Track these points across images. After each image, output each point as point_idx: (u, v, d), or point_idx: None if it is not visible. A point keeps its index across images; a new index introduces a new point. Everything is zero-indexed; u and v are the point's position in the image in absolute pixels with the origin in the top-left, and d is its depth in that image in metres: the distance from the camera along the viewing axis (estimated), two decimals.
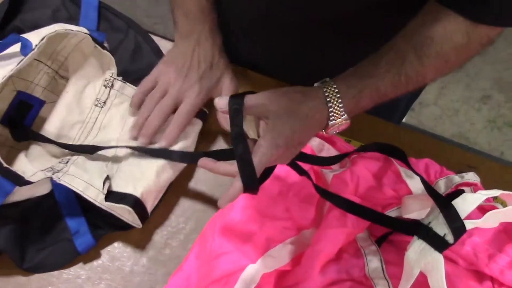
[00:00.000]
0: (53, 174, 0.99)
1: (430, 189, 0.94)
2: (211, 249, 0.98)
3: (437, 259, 0.85)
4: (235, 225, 1.00)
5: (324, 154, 1.05)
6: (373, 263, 0.99)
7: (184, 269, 1.01)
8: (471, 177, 1.00)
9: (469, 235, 0.96)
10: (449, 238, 0.86)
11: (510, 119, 2.65)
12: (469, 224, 0.87)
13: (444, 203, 0.89)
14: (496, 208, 0.97)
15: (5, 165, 0.94)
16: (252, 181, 0.85)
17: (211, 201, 1.12)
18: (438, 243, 0.86)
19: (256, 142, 0.87)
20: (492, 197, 0.94)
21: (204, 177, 1.14)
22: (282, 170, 1.02)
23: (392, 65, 0.89)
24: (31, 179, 0.97)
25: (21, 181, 0.96)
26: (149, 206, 1.04)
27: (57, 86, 1.16)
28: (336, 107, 0.88)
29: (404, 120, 2.56)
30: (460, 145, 1.52)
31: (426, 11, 0.90)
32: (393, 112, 1.36)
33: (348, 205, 0.97)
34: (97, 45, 1.09)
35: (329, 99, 0.88)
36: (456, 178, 1.00)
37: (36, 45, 1.01)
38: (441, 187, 0.99)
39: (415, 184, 0.99)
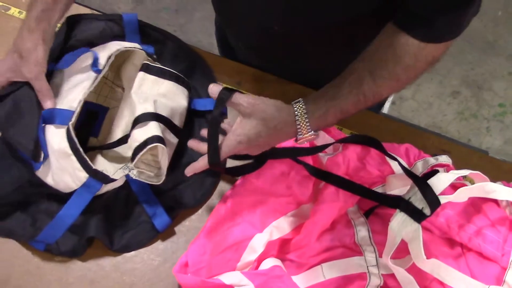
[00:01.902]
0: (129, 171, 1.00)
1: (408, 171, 0.94)
2: (224, 221, 0.98)
3: (416, 228, 0.86)
4: (243, 201, 1.01)
5: (320, 140, 1.05)
6: (362, 232, 0.99)
7: (201, 237, 1.01)
8: (444, 159, 1.01)
9: (443, 208, 0.97)
10: (426, 211, 0.86)
11: (476, 111, 2.65)
12: (443, 199, 0.87)
13: (421, 182, 0.90)
14: (466, 185, 0.98)
15: (94, 167, 0.95)
16: (214, 159, 0.93)
17: (225, 182, 1.12)
18: (417, 215, 0.87)
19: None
20: (462, 176, 0.94)
21: None
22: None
23: (353, 87, 0.90)
24: (114, 177, 0.98)
25: (107, 179, 0.97)
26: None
27: (115, 94, 1.17)
28: (303, 124, 0.90)
29: (387, 112, 2.59)
30: (435, 133, 1.53)
31: (383, 35, 0.91)
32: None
33: (340, 182, 0.98)
34: (149, 57, 1.09)
35: (297, 117, 0.90)
36: (432, 160, 1.00)
37: (106, 64, 1.02)
38: (419, 167, 1.00)
39: (397, 165, 0.99)
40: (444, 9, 0.83)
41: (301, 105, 0.90)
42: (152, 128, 0.98)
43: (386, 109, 2.60)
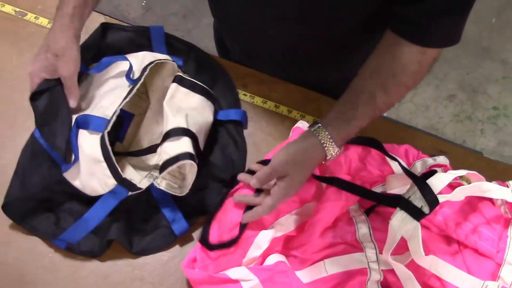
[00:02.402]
0: (153, 180, 1.01)
1: (407, 171, 0.94)
2: (231, 219, 0.98)
3: (415, 226, 0.86)
4: None
5: None
6: (363, 229, 0.99)
7: (211, 233, 1.01)
8: (442, 160, 1.01)
9: (441, 207, 0.97)
10: (425, 209, 0.86)
11: (470, 114, 2.65)
12: (441, 198, 0.87)
13: (421, 182, 0.89)
14: (462, 185, 0.98)
15: (123, 176, 0.95)
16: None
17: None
18: (417, 214, 0.86)
19: None
20: (459, 176, 0.94)
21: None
22: None
23: (367, 105, 0.93)
24: (140, 186, 0.98)
25: (134, 188, 0.98)
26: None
27: (140, 101, 1.17)
28: (331, 148, 0.93)
29: (386, 114, 2.58)
30: (432, 134, 1.52)
31: (384, 46, 0.92)
32: None
33: (342, 184, 0.97)
34: (179, 69, 1.09)
35: (324, 144, 0.93)
36: (430, 161, 1.00)
37: (141, 76, 1.03)
38: (418, 167, 1.00)
39: (397, 165, 0.99)
40: (441, 16, 0.84)
41: (323, 132, 0.93)
42: (185, 144, 0.98)
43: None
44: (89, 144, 0.96)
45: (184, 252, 1.04)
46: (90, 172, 0.96)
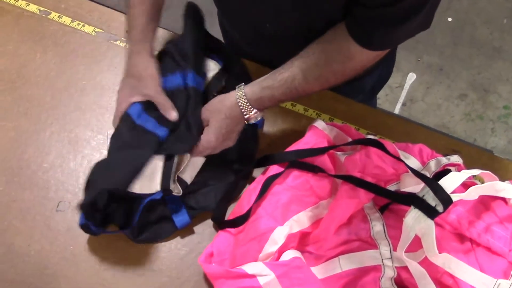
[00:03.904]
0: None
1: (417, 173, 0.93)
2: (244, 205, 0.98)
3: (429, 224, 0.85)
4: (266, 196, 1.00)
5: (338, 139, 1.05)
6: (377, 227, 0.98)
7: (226, 230, 1.01)
8: (456, 159, 1.00)
9: (454, 205, 0.95)
10: (439, 208, 0.85)
11: (481, 113, 2.63)
12: (455, 197, 0.86)
13: (431, 182, 0.89)
14: (476, 184, 0.97)
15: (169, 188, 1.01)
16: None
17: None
18: (430, 212, 0.86)
19: None
20: (472, 175, 0.93)
21: None
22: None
23: (285, 82, 0.99)
24: (174, 193, 1.03)
25: (168, 193, 1.02)
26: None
27: None
28: (244, 105, 1.01)
29: (398, 112, 2.57)
30: (445, 133, 1.52)
31: (328, 36, 0.98)
32: (356, 92, 1.33)
33: (357, 181, 0.97)
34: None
35: (238, 99, 1.01)
36: (444, 160, 0.99)
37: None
38: (432, 166, 0.98)
39: (411, 164, 0.98)
40: (381, 25, 0.88)
41: (241, 90, 1.01)
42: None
43: (397, 110, 2.59)
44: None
45: (201, 246, 1.04)
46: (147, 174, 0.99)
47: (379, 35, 0.91)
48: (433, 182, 0.89)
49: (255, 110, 1.01)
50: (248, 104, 1.00)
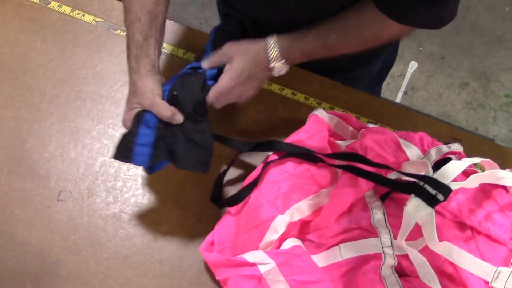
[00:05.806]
0: None
1: (409, 176, 0.93)
2: (250, 204, 0.98)
3: (430, 213, 0.85)
4: (267, 184, 1.00)
5: (339, 129, 1.04)
6: (377, 215, 0.98)
7: (227, 218, 1.01)
8: (456, 147, 0.99)
9: (454, 194, 0.95)
10: (440, 196, 0.85)
11: (483, 101, 2.62)
12: (455, 185, 0.87)
13: (426, 179, 0.88)
14: (477, 172, 0.96)
15: None
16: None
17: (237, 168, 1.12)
18: (431, 200, 0.85)
19: None
20: (473, 163, 0.93)
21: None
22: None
23: (316, 38, 1.00)
24: None
25: None
26: None
27: None
28: (274, 52, 1.00)
29: (399, 101, 2.57)
30: (446, 122, 1.51)
31: (361, 7, 0.97)
32: (363, 77, 1.34)
33: (358, 170, 0.96)
34: None
35: (269, 46, 1.00)
36: (445, 148, 0.99)
37: None
38: (433, 155, 0.98)
39: (412, 152, 0.97)
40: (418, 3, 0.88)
41: (272, 39, 1.00)
42: None
43: (398, 99, 2.59)
44: None
45: (202, 235, 1.03)
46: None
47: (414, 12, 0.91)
48: (428, 177, 0.88)
49: (283, 61, 1.00)
50: (278, 52, 1.00)
